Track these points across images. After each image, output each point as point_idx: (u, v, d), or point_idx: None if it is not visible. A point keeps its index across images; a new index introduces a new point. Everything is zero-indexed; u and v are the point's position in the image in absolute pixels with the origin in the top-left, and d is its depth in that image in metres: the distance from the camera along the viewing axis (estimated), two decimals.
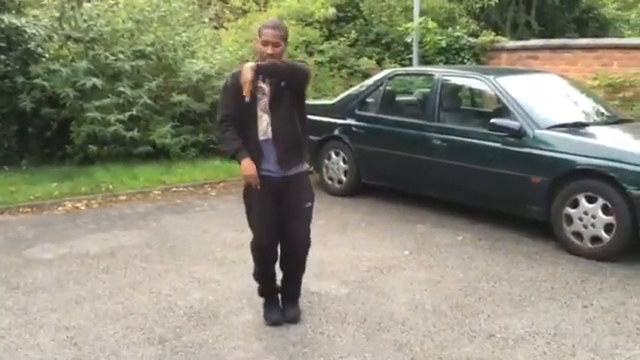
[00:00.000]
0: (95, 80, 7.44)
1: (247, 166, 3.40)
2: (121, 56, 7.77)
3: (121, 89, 7.59)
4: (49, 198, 6.39)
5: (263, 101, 3.43)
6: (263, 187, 3.46)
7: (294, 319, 3.68)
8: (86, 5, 7.94)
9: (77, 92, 7.46)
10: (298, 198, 3.53)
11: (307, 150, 3.70)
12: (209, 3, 11.94)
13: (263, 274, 3.68)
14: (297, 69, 3.42)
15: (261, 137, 3.44)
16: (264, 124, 3.43)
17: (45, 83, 7.39)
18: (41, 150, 7.89)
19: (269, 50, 3.35)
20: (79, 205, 6.31)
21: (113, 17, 8.28)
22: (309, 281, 4.21)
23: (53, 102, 7.65)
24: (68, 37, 7.91)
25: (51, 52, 7.97)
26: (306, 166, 3.66)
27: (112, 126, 7.39)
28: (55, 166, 7.56)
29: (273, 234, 3.52)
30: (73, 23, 7.91)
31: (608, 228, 4.68)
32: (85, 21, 7.91)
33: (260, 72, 3.31)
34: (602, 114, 5.89)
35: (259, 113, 3.43)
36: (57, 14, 7.83)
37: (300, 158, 3.56)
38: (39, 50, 7.72)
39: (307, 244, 3.58)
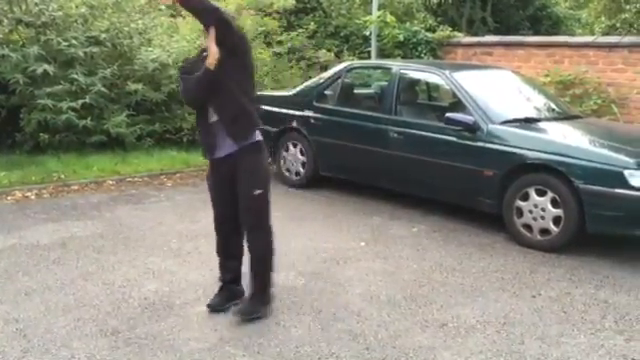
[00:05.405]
0: (46, 66, 7.23)
1: None
2: (74, 42, 7.54)
3: (74, 76, 7.38)
4: None
5: None
6: (214, 167, 3.57)
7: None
8: None
9: (27, 78, 7.24)
10: (247, 184, 3.46)
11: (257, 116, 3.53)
12: None
13: (217, 253, 3.75)
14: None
15: (210, 119, 3.47)
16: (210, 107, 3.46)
17: None
18: None
19: None
20: (29, 195, 6.14)
21: (66, 2, 8.03)
22: None
23: (2, 88, 7.40)
24: (19, 21, 7.65)
25: (0, 36, 7.70)
26: (259, 136, 3.50)
27: (64, 114, 7.19)
28: (4, 154, 7.32)
29: (224, 208, 3.59)
30: (24, 7, 7.66)
31: (557, 221, 4.83)
32: (36, 5, 7.64)
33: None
34: (553, 110, 6.06)
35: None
36: None
37: (250, 126, 3.46)
38: None
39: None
